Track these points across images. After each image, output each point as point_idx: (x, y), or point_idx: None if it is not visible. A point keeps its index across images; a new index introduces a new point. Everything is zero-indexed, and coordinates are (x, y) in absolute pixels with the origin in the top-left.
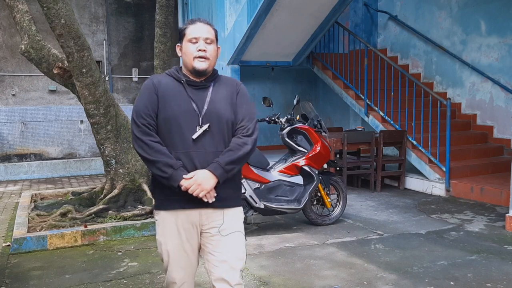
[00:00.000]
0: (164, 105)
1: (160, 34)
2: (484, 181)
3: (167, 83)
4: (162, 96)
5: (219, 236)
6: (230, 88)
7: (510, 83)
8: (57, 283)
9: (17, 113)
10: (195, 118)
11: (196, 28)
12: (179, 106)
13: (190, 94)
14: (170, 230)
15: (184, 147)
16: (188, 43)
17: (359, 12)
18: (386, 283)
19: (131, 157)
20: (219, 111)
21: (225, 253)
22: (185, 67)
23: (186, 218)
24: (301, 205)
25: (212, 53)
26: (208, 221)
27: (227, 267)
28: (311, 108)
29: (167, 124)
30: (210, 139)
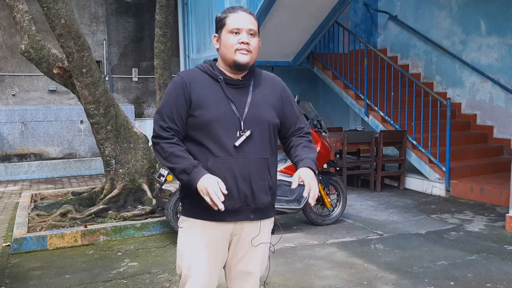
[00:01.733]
0: (200, 107)
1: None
2: (484, 181)
3: (202, 81)
4: (197, 97)
5: (249, 246)
6: (272, 88)
7: (510, 83)
8: (57, 283)
9: (17, 113)
10: (235, 122)
11: (238, 18)
12: (217, 109)
13: (229, 95)
14: (199, 241)
15: (224, 154)
16: (229, 34)
17: (359, 12)
18: (386, 283)
19: (131, 157)
20: (261, 115)
21: (252, 265)
22: (224, 60)
23: (221, 229)
24: (301, 205)
25: (255, 47)
26: (242, 232)
27: (248, 277)
28: (311, 108)
29: (204, 129)
30: (252, 146)
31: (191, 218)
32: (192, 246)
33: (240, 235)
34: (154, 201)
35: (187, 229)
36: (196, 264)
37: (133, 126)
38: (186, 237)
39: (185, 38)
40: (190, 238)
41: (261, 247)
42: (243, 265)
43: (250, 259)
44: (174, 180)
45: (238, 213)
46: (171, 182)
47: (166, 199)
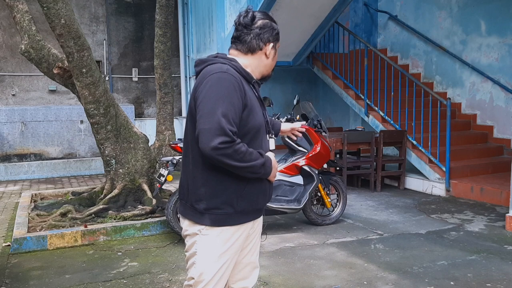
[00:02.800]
0: (251, 112)
1: (160, 34)
2: (484, 181)
3: (245, 83)
4: (249, 101)
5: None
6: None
7: (510, 83)
8: (57, 283)
9: (17, 113)
10: (266, 126)
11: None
12: (259, 114)
13: (260, 99)
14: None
15: None
16: (274, 52)
17: (359, 12)
18: (386, 283)
19: (131, 157)
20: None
21: (255, 255)
22: (260, 71)
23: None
24: (301, 205)
25: None
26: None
27: (252, 267)
28: (311, 108)
29: (253, 134)
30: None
31: (221, 227)
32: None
33: (255, 227)
34: (154, 201)
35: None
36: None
37: (133, 126)
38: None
39: (185, 38)
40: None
41: (259, 238)
42: (249, 257)
43: (254, 251)
44: (174, 180)
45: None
46: (171, 182)
47: (166, 199)
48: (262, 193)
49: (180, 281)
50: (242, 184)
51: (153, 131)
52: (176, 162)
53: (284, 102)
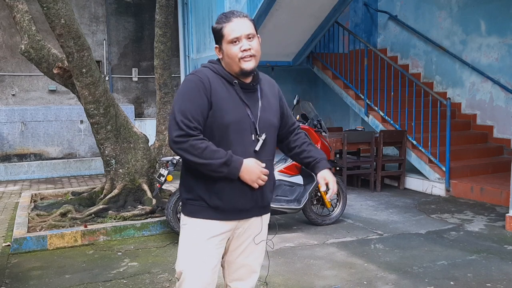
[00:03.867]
0: (220, 110)
1: (160, 34)
2: (484, 181)
3: (218, 83)
4: (217, 99)
5: (250, 241)
6: (273, 91)
7: (510, 83)
8: (57, 283)
9: (17, 113)
10: (251, 126)
11: (234, 27)
12: (236, 113)
13: (244, 99)
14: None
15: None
16: (230, 45)
17: (359, 12)
18: (386, 283)
19: (131, 157)
20: (270, 118)
21: (252, 259)
22: (230, 70)
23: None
24: (301, 205)
25: (257, 49)
26: (246, 227)
27: (248, 270)
28: (311, 108)
29: (224, 133)
30: (264, 148)
31: (196, 218)
32: (195, 246)
33: (244, 228)
34: (154, 201)
35: (193, 229)
36: (197, 264)
37: (133, 126)
38: (190, 236)
39: (185, 38)
40: (194, 237)
41: (262, 244)
42: (243, 259)
43: (249, 253)
44: (174, 180)
45: (248, 212)
46: (171, 182)
47: (166, 199)
48: (242, 194)
49: None
50: (211, 181)
51: (153, 131)
52: (176, 162)
53: None
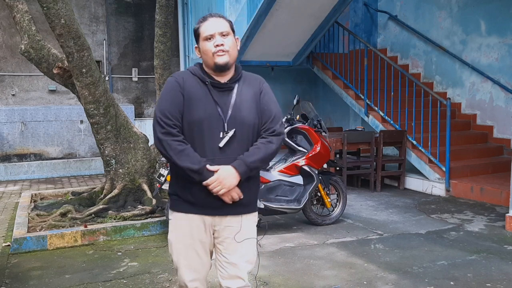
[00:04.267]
0: (190, 107)
1: (160, 34)
2: (484, 181)
3: (192, 83)
4: (188, 97)
5: (231, 239)
6: (254, 89)
7: (510, 83)
8: (57, 283)
9: (17, 113)
10: (220, 123)
11: (209, 25)
12: (204, 110)
13: (215, 98)
14: (182, 230)
15: (210, 154)
16: (205, 42)
17: (359, 12)
18: (386, 283)
19: (131, 157)
20: (243, 116)
21: (237, 257)
22: (207, 66)
23: (201, 221)
24: (301, 205)
25: (230, 45)
26: (224, 225)
27: (236, 269)
28: (311, 108)
29: (192, 129)
30: (235, 145)
31: (177, 212)
32: (179, 235)
33: (221, 226)
34: (154, 201)
35: (174, 221)
36: (184, 251)
37: (133, 126)
38: (174, 228)
39: (185, 38)
40: (177, 229)
41: (246, 243)
42: (228, 257)
43: (233, 251)
44: None
45: (221, 209)
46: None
47: (166, 199)
48: (210, 193)
49: None
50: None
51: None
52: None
53: (284, 102)
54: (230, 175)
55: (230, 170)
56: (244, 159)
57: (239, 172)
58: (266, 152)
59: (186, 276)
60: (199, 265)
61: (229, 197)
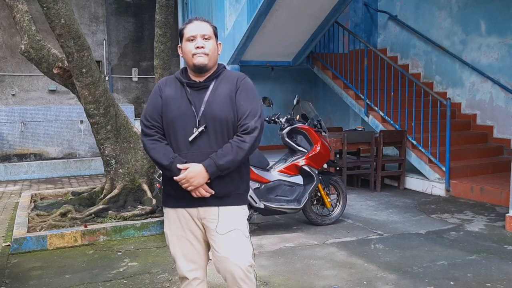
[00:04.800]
0: (166, 108)
1: (160, 34)
2: (484, 181)
3: (172, 85)
4: (165, 99)
5: (217, 234)
6: (230, 86)
7: (510, 83)
8: (57, 283)
9: (17, 113)
10: (193, 120)
11: (192, 27)
12: (178, 109)
13: (189, 96)
14: (173, 222)
15: (182, 149)
16: (187, 42)
17: (359, 12)
18: (386, 283)
19: (131, 157)
20: (215, 111)
21: (225, 250)
22: (187, 66)
23: (186, 213)
24: (301, 205)
25: (211, 49)
26: (205, 215)
27: (229, 263)
28: (311, 108)
29: (168, 127)
30: (206, 140)
31: (166, 207)
32: (171, 228)
33: (202, 217)
34: (154, 201)
35: (166, 215)
36: (178, 243)
37: (133, 126)
38: (167, 221)
39: None
40: (169, 222)
41: (229, 235)
42: (219, 251)
43: (221, 245)
44: None
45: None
46: None
47: None
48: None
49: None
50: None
51: None
52: None
53: (284, 102)
54: (199, 174)
55: (199, 169)
56: (215, 160)
57: (208, 172)
58: (237, 153)
59: (183, 266)
60: (195, 255)
61: (196, 194)
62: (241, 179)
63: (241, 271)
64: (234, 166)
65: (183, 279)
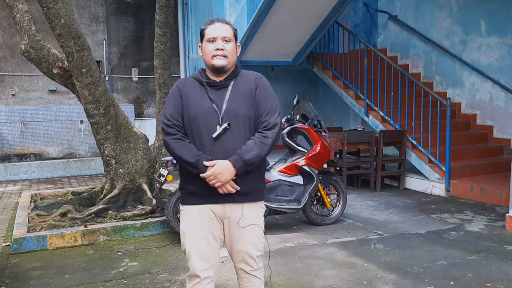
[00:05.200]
0: (188, 106)
1: (160, 34)
2: (484, 181)
3: (191, 85)
4: (186, 98)
5: (238, 227)
6: (249, 84)
7: (510, 83)
8: (57, 283)
9: (17, 113)
10: (216, 118)
11: (214, 28)
12: (200, 107)
13: (210, 95)
14: (193, 220)
15: (206, 146)
16: (207, 43)
17: (359, 12)
18: (386, 283)
19: (131, 157)
20: (237, 109)
21: (243, 243)
22: (206, 66)
23: (209, 211)
24: (301, 205)
25: (230, 51)
26: (229, 214)
27: (245, 255)
28: (311, 108)
29: (191, 125)
30: (230, 137)
31: (187, 205)
32: (190, 226)
33: (229, 218)
34: (154, 201)
35: (185, 213)
36: (195, 241)
37: (133, 126)
38: (186, 219)
39: (185, 38)
40: (188, 220)
41: (249, 228)
42: (237, 245)
43: (241, 239)
44: (174, 180)
45: (219, 197)
46: (171, 182)
47: (166, 199)
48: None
49: (180, 281)
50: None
51: (153, 131)
52: (176, 162)
53: (284, 102)
54: (226, 170)
55: (227, 165)
56: (241, 156)
57: (236, 168)
58: (261, 148)
59: (197, 265)
60: (210, 254)
61: (223, 190)
62: (261, 175)
63: (254, 262)
64: (258, 161)
65: (194, 277)
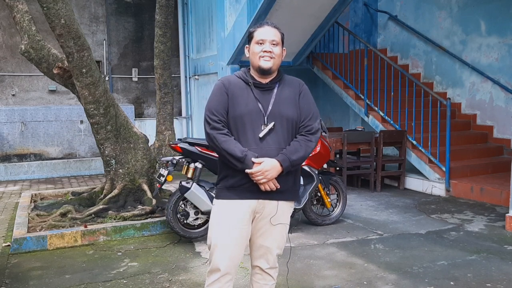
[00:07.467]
0: (233, 104)
1: (160, 34)
2: (484, 181)
3: (236, 84)
4: (232, 96)
5: (268, 224)
6: (294, 89)
7: (510, 83)
8: (57, 283)
9: (17, 113)
10: (261, 117)
11: (263, 31)
12: (246, 106)
13: (257, 95)
14: (226, 215)
15: (251, 144)
16: (255, 45)
17: (359, 12)
18: (386, 283)
19: (131, 157)
20: (283, 111)
21: (270, 241)
22: (252, 66)
23: (246, 206)
24: (301, 205)
25: (277, 54)
26: (263, 210)
27: (266, 251)
28: None
29: (236, 122)
30: (274, 137)
31: (221, 200)
32: (220, 221)
33: (261, 213)
34: (154, 201)
35: (219, 207)
36: (223, 235)
37: (133, 126)
38: (216, 214)
39: (185, 38)
40: (221, 214)
41: (279, 227)
42: (262, 240)
43: (268, 236)
44: (174, 180)
45: (259, 193)
46: (171, 182)
47: (166, 199)
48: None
49: (180, 281)
50: (228, 166)
51: (153, 131)
52: (176, 162)
53: None
54: (273, 168)
55: (274, 164)
56: (288, 156)
57: (282, 167)
58: (306, 151)
59: (221, 260)
60: (235, 252)
61: (265, 187)
62: (298, 176)
63: (273, 260)
64: (301, 163)
65: (215, 272)
